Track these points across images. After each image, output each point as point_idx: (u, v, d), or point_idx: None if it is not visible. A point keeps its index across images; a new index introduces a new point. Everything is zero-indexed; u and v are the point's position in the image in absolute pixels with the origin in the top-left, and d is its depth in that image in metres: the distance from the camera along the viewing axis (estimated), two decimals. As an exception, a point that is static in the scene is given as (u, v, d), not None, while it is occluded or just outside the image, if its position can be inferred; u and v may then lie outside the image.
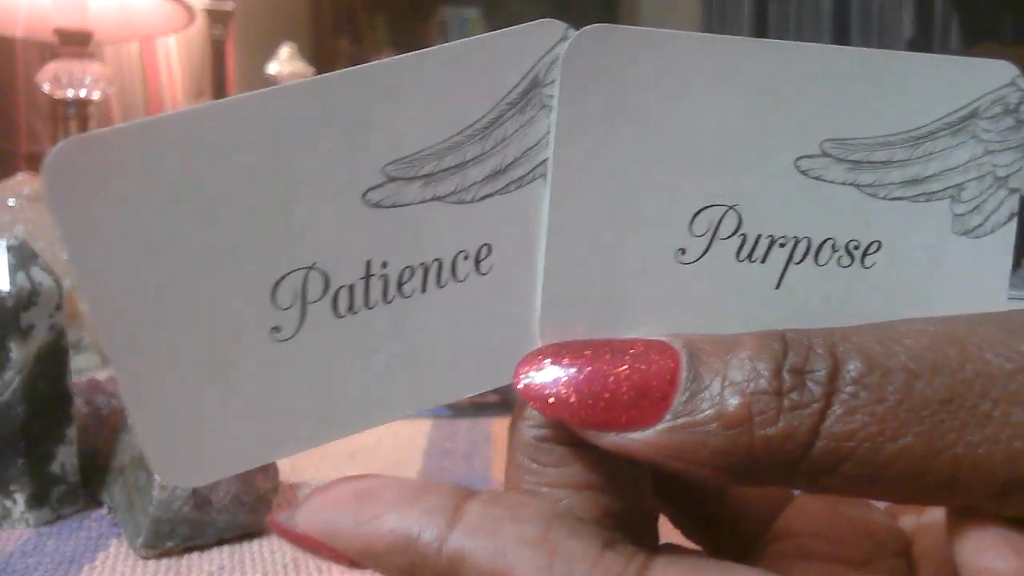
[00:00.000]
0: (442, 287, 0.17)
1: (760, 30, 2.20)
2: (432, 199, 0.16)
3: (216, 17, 1.56)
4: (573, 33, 0.16)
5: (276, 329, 0.16)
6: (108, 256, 0.14)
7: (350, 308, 0.16)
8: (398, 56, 0.16)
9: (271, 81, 1.65)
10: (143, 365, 0.15)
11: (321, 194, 0.15)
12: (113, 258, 0.14)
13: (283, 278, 0.16)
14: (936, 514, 0.18)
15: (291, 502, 0.41)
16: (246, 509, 0.36)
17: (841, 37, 2.07)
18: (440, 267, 0.17)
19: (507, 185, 0.17)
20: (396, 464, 0.47)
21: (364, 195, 0.16)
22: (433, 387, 0.17)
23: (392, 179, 0.16)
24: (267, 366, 0.16)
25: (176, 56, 1.58)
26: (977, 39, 1.61)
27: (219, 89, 1.59)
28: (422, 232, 0.16)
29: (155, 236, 0.15)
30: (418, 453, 0.50)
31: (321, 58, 2.23)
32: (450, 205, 0.16)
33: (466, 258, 0.17)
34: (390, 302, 0.16)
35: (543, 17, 0.16)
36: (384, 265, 0.16)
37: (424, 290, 0.16)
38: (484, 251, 0.17)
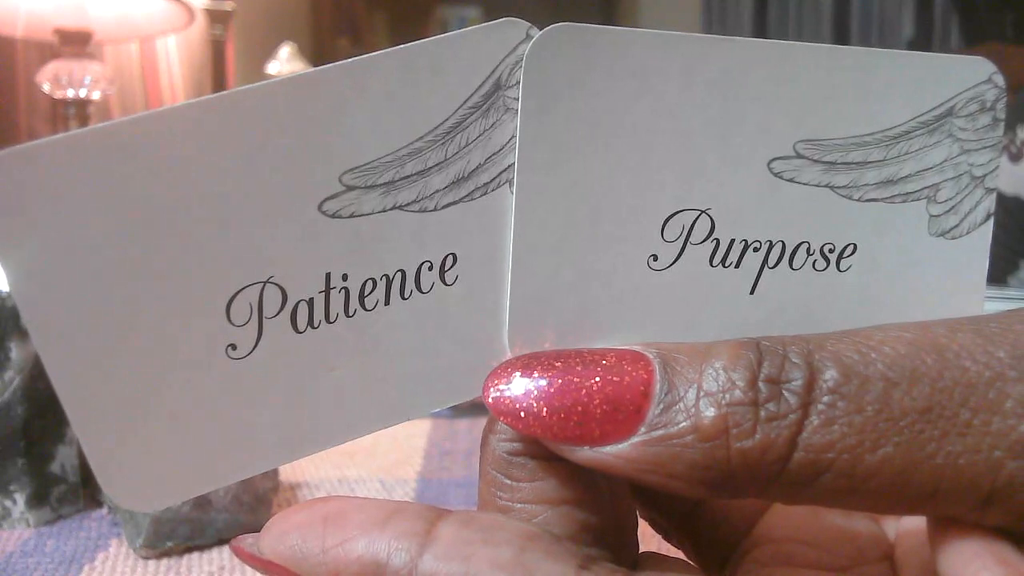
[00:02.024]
0: (406, 299, 0.16)
1: (760, 30, 2.20)
2: (393, 208, 0.16)
3: (216, 17, 1.56)
4: (536, 33, 0.15)
5: (232, 347, 0.15)
6: (51, 273, 0.14)
7: (310, 323, 0.15)
8: (354, 58, 0.15)
9: (271, 81, 1.65)
10: (90, 387, 0.14)
11: (275, 204, 0.15)
12: (56, 275, 0.14)
13: (238, 293, 0.15)
14: (918, 519, 0.18)
15: (291, 502, 0.41)
16: (246, 509, 0.36)
17: (841, 37, 2.07)
18: (404, 278, 0.16)
19: (471, 192, 0.16)
20: (396, 464, 0.47)
21: (321, 205, 0.15)
22: (399, 403, 0.16)
23: (350, 188, 0.15)
24: (223, 385, 0.15)
25: (176, 56, 1.58)
26: (977, 39, 1.61)
27: (219, 89, 1.59)
28: (384, 242, 0.16)
29: (101, 251, 0.14)
30: (418, 453, 0.49)
31: (321, 58, 2.22)
32: (412, 214, 0.16)
33: (430, 268, 0.16)
34: (352, 316, 0.16)
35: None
36: (344, 277, 0.15)
37: (387, 302, 0.16)
38: (449, 261, 0.16)
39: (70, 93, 1.06)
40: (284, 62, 1.66)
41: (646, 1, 2.55)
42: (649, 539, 0.21)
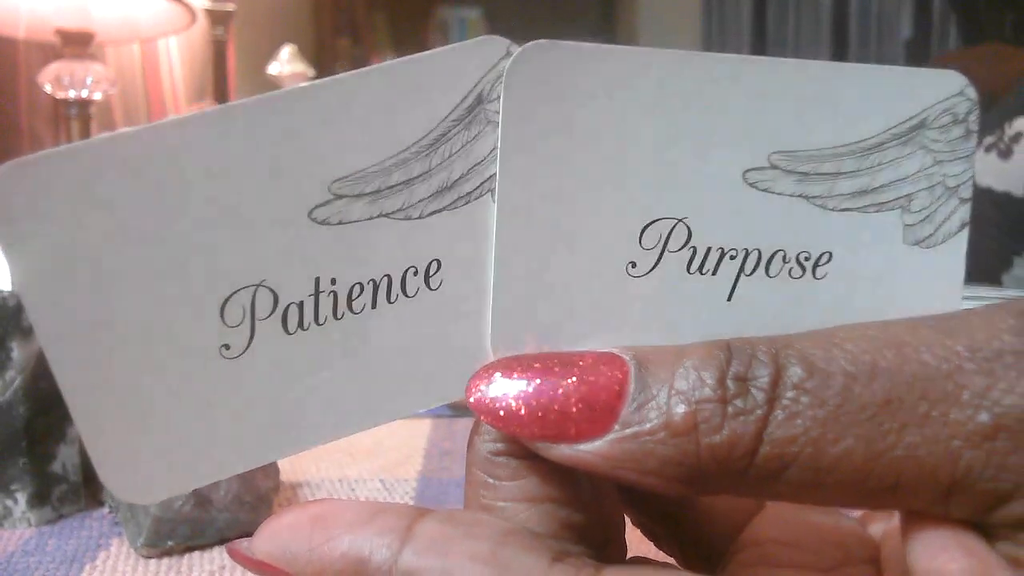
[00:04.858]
0: (392, 303, 0.17)
1: (759, 29, 2.20)
2: (380, 216, 0.16)
3: (217, 18, 1.56)
4: (516, 49, 0.16)
5: (226, 346, 0.16)
6: (54, 276, 0.14)
7: (300, 325, 0.16)
8: (343, 74, 0.16)
9: (273, 82, 1.66)
10: (92, 384, 0.15)
11: (268, 212, 0.16)
12: (59, 279, 0.15)
13: (232, 295, 0.16)
14: None
15: (291, 501, 0.41)
16: (247, 508, 0.36)
17: (840, 37, 2.07)
18: (390, 283, 0.17)
19: (455, 201, 0.17)
20: (396, 464, 0.47)
21: (311, 212, 0.16)
22: (385, 403, 0.17)
23: (339, 196, 0.16)
24: (217, 383, 0.16)
25: (177, 57, 1.58)
26: (976, 39, 1.61)
27: (220, 90, 1.59)
28: (370, 248, 0.16)
29: (101, 256, 0.15)
30: (418, 453, 0.50)
31: (322, 58, 2.22)
32: (398, 221, 0.16)
33: (416, 274, 0.17)
34: (340, 318, 0.16)
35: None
36: (333, 282, 0.16)
37: (374, 306, 0.17)
38: (434, 267, 0.17)
39: (72, 94, 1.07)
40: (285, 63, 1.66)
41: (645, 1, 2.55)
42: (648, 549, 0.21)
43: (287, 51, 1.65)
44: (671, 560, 0.20)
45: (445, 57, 0.16)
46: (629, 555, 0.18)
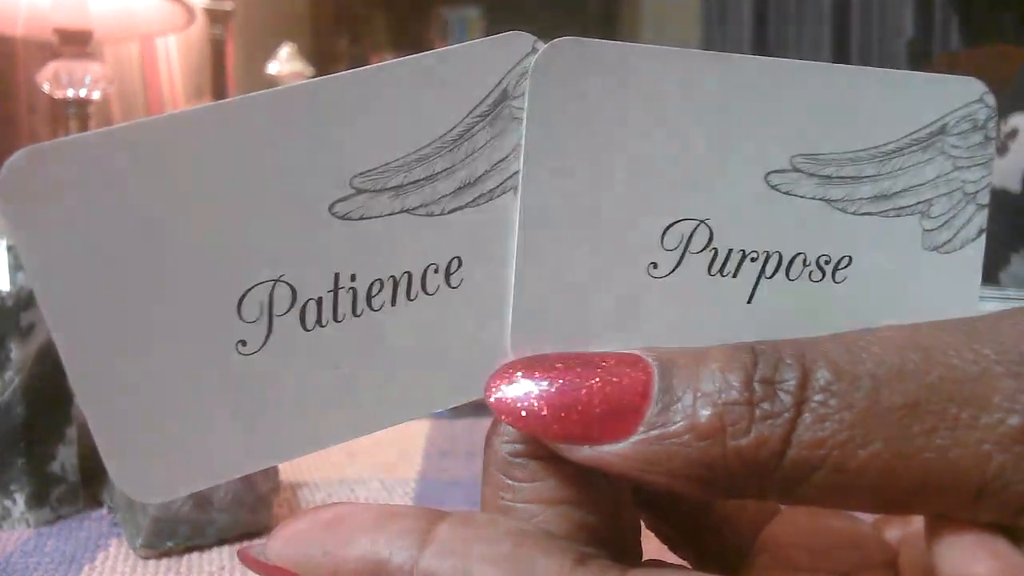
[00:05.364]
0: (412, 300, 0.16)
1: (760, 30, 2.20)
2: (401, 212, 0.16)
3: (216, 17, 1.56)
4: (542, 46, 0.16)
5: (242, 342, 0.16)
6: (68, 268, 0.14)
7: (318, 321, 0.16)
8: (365, 67, 0.16)
9: (271, 81, 1.65)
10: (105, 379, 0.15)
11: (287, 206, 0.15)
12: (73, 271, 0.14)
13: (249, 291, 0.15)
14: (921, 525, 0.18)
15: (291, 502, 0.41)
16: (247, 509, 0.36)
17: (841, 36, 2.07)
18: (410, 280, 0.16)
19: (477, 198, 0.16)
20: (395, 464, 0.47)
21: (331, 207, 0.16)
22: (403, 402, 0.17)
23: (360, 191, 0.16)
24: (233, 380, 0.16)
25: (176, 56, 1.58)
26: (977, 39, 1.61)
27: (219, 89, 1.59)
28: (391, 245, 0.16)
29: (117, 248, 0.14)
30: (418, 453, 0.50)
31: (321, 58, 2.22)
32: (419, 218, 0.16)
33: (436, 271, 0.17)
34: (359, 315, 0.16)
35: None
36: (353, 278, 0.16)
37: (394, 303, 0.16)
38: (454, 264, 0.17)
39: (70, 93, 1.06)
40: (284, 62, 1.66)
41: (646, 2, 2.55)
42: (654, 550, 0.21)
43: (286, 50, 1.65)
44: (686, 564, 0.20)
45: (470, 52, 0.16)
46: (643, 559, 0.18)
